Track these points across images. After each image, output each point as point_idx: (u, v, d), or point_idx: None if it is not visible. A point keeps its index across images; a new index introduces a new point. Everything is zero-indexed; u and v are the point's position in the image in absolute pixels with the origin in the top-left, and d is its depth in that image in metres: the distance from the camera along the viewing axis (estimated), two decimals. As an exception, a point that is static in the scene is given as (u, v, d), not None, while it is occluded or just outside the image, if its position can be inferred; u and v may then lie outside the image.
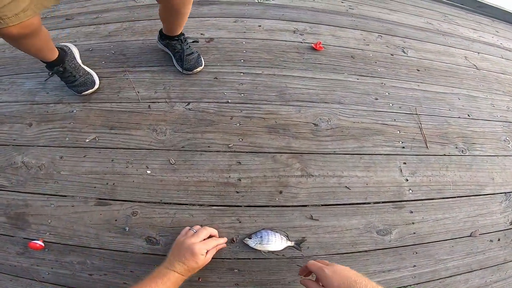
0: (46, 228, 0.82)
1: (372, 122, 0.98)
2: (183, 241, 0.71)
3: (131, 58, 1.12)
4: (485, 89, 1.24)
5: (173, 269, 0.65)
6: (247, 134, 0.92)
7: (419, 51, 1.22)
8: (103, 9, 1.27)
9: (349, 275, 0.58)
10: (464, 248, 0.92)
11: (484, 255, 0.93)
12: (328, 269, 0.60)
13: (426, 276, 0.88)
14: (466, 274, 0.90)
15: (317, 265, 0.63)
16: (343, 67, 1.07)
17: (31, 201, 0.84)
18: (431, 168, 0.97)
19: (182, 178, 0.87)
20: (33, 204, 0.84)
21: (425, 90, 1.11)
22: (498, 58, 1.45)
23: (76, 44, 1.16)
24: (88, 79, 0.99)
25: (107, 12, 1.26)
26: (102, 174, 0.88)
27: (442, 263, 0.89)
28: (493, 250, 0.94)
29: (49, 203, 0.84)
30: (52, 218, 0.83)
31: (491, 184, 1.01)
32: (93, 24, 1.23)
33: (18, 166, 0.89)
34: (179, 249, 0.69)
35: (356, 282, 0.56)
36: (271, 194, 0.86)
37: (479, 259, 0.92)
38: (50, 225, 0.82)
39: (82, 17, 1.26)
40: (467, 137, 1.06)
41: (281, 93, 0.99)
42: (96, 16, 1.26)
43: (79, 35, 1.20)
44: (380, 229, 0.89)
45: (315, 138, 0.93)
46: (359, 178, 0.91)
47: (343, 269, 0.61)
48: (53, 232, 0.81)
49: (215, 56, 1.09)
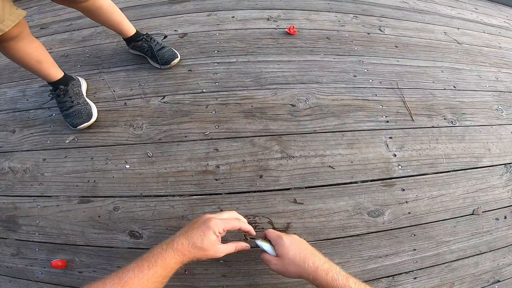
0: (35, 228, 0.84)
1: (352, 98, 0.98)
2: (202, 216, 0.61)
3: (105, 60, 1.14)
4: (469, 62, 1.24)
5: (171, 248, 0.54)
6: (223, 121, 0.92)
7: (397, 29, 1.23)
8: (76, 16, 1.30)
9: (305, 248, 0.60)
10: (468, 228, 0.88)
11: (491, 235, 0.88)
12: (287, 238, 0.61)
13: (430, 261, 0.84)
14: (474, 257, 0.85)
15: (276, 233, 0.64)
16: (319, 49, 1.08)
17: (19, 203, 0.87)
18: (420, 141, 0.96)
19: (161, 170, 0.88)
20: (21, 206, 0.87)
21: (406, 65, 1.11)
22: (480, 33, 1.45)
23: (51, 51, 1.19)
24: (85, 110, 0.94)
25: (81, 19, 1.29)
26: (83, 172, 0.90)
27: (445, 245, 0.85)
28: (500, 229, 0.89)
29: (35, 204, 0.86)
30: (40, 218, 0.85)
31: (488, 155, 0.98)
32: (67, 31, 1.27)
33: (6, 171, 0.92)
34: (193, 222, 0.60)
35: (312, 254, 0.58)
36: (251, 179, 0.85)
37: (486, 240, 0.88)
38: (38, 225, 0.84)
39: (56, 25, 1.30)
40: (456, 108, 1.05)
41: (257, 78, 1.00)
42: (70, 23, 1.29)
43: (54, 42, 1.24)
44: (371, 210, 0.87)
45: (293, 119, 0.93)
46: (343, 156, 0.89)
47: (301, 241, 0.62)
48: (41, 232, 0.83)
49: (189, 50, 1.11)
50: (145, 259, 0.52)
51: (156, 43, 1.06)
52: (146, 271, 0.50)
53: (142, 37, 1.05)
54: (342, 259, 0.83)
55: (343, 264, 0.82)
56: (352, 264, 0.83)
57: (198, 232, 0.56)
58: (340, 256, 0.83)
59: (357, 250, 0.83)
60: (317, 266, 0.56)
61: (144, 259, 0.52)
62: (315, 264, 0.56)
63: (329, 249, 0.83)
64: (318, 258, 0.58)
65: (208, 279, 0.77)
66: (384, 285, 0.81)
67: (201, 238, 0.55)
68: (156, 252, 0.53)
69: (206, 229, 0.56)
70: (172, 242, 0.54)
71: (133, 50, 1.10)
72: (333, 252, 0.83)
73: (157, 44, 1.05)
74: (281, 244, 0.60)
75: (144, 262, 0.51)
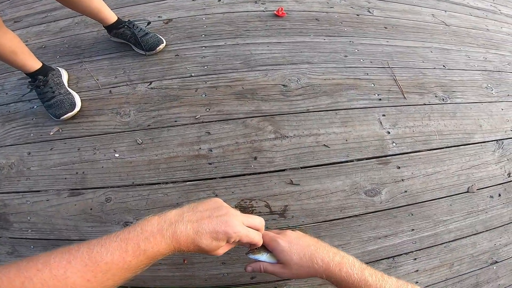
0: (27, 225, 0.82)
1: (344, 77, 0.98)
2: (227, 207, 0.49)
3: (86, 49, 1.11)
4: (458, 43, 1.26)
5: (171, 235, 0.42)
6: (214, 103, 0.91)
7: (385, 11, 1.25)
8: (51, 8, 1.26)
9: (307, 244, 0.52)
10: (464, 206, 0.89)
11: (487, 214, 0.90)
12: (283, 240, 0.52)
13: (428, 241, 0.85)
14: (472, 237, 0.87)
15: (268, 236, 0.54)
16: (308, 30, 1.08)
17: (8, 200, 0.85)
18: (413, 118, 0.97)
19: (152, 157, 0.86)
20: (11, 203, 0.84)
21: (395, 45, 1.13)
22: (467, 15, 1.49)
23: (27, 43, 1.14)
24: (67, 100, 0.91)
25: (56, 10, 1.25)
26: (70, 164, 0.87)
27: (442, 225, 0.87)
28: (495, 208, 0.91)
29: (25, 200, 0.84)
30: (31, 214, 0.83)
31: (480, 131, 1.00)
32: (43, 23, 1.22)
33: None
34: (212, 207, 0.48)
35: (317, 249, 0.51)
36: (245, 161, 0.84)
37: (482, 219, 0.89)
38: (30, 222, 0.82)
39: (31, 18, 1.25)
40: (446, 86, 1.07)
41: (246, 60, 0.99)
42: (45, 15, 1.25)
43: (30, 35, 1.19)
44: (368, 189, 0.87)
45: (285, 99, 0.92)
46: (337, 134, 0.90)
47: (297, 236, 0.54)
48: (34, 228, 0.82)
49: (175, 36, 1.09)
50: (131, 240, 0.39)
51: (140, 29, 1.03)
52: (129, 260, 0.39)
53: (124, 24, 1.02)
54: (342, 241, 0.83)
55: (343, 247, 0.83)
56: (352, 246, 0.83)
57: (212, 231, 0.44)
58: (339, 238, 0.83)
59: (356, 232, 0.83)
60: (327, 262, 0.49)
61: (130, 241, 0.39)
62: (324, 261, 0.50)
63: (328, 231, 0.83)
64: (325, 252, 0.51)
65: (207, 267, 0.76)
66: (385, 267, 0.82)
67: (210, 241, 0.44)
68: (150, 235, 0.40)
69: (223, 234, 0.44)
70: (174, 227, 0.42)
71: (115, 38, 1.07)
72: (332, 234, 0.83)
73: (140, 31, 1.02)
74: (280, 250, 0.52)
75: (129, 246, 0.39)
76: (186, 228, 0.43)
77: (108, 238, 0.40)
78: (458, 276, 0.84)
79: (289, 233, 0.55)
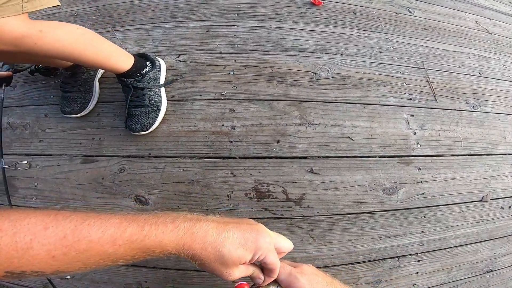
0: (33, 192, 0.83)
1: (376, 73, 0.99)
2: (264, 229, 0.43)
3: (118, 18, 1.14)
4: (497, 52, 1.26)
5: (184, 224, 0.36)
6: (242, 82, 0.93)
7: (426, 12, 1.24)
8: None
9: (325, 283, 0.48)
10: (475, 214, 0.91)
11: (494, 223, 0.92)
12: (303, 277, 0.46)
13: (435, 244, 0.87)
14: (475, 245, 0.90)
15: (287, 270, 0.47)
16: (344, 22, 1.09)
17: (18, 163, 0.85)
18: (441, 122, 0.97)
19: (172, 129, 0.88)
20: (19, 166, 0.85)
21: (433, 48, 1.13)
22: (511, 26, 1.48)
23: (59, 12, 1.19)
24: (81, 99, 0.86)
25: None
26: (87, 129, 0.89)
27: (451, 230, 0.89)
28: (503, 218, 0.93)
29: (34, 164, 0.85)
30: (38, 180, 0.83)
31: (503, 143, 1.01)
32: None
33: (4, 127, 0.90)
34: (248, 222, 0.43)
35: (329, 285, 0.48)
36: (267, 143, 0.86)
37: (489, 228, 0.92)
38: (36, 188, 0.83)
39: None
40: (478, 94, 1.07)
41: (278, 44, 1.00)
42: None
43: (63, 3, 1.21)
44: (387, 187, 0.88)
45: (314, 86, 0.94)
46: (363, 128, 0.91)
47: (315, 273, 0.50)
48: (39, 196, 0.82)
49: (207, 12, 1.11)
50: (136, 222, 0.35)
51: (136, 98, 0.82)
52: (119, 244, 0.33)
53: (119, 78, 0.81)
54: (353, 236, 0.85)
55: (353, 242, 0.84)
56: (362, 242, 0.85)
57: (240, 236, 0.38)
58: (351, 233, 0.85)
59: (368, 228, 0.85)
60: None
61: (135, 222, 0.35)
62: None
63: (341, 224, 0.85)
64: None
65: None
66: (389, 266, 0.84)
67: (235, 247, 0.37)
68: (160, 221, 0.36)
69: (252, 242, 0.39)
70: (194, 222, 0.37)
71: None
72: (344, 228, 0.85)
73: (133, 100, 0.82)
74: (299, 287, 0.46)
75: (130, 227, 0.34)
76: (208, 225, 0.37)
77: (111, 213, 0.35)
78: (453, 282, 0.86)
79: (305, 268, 0.49)
